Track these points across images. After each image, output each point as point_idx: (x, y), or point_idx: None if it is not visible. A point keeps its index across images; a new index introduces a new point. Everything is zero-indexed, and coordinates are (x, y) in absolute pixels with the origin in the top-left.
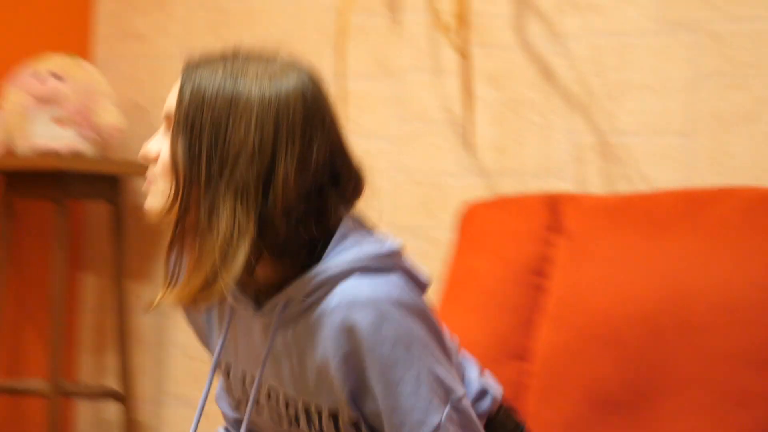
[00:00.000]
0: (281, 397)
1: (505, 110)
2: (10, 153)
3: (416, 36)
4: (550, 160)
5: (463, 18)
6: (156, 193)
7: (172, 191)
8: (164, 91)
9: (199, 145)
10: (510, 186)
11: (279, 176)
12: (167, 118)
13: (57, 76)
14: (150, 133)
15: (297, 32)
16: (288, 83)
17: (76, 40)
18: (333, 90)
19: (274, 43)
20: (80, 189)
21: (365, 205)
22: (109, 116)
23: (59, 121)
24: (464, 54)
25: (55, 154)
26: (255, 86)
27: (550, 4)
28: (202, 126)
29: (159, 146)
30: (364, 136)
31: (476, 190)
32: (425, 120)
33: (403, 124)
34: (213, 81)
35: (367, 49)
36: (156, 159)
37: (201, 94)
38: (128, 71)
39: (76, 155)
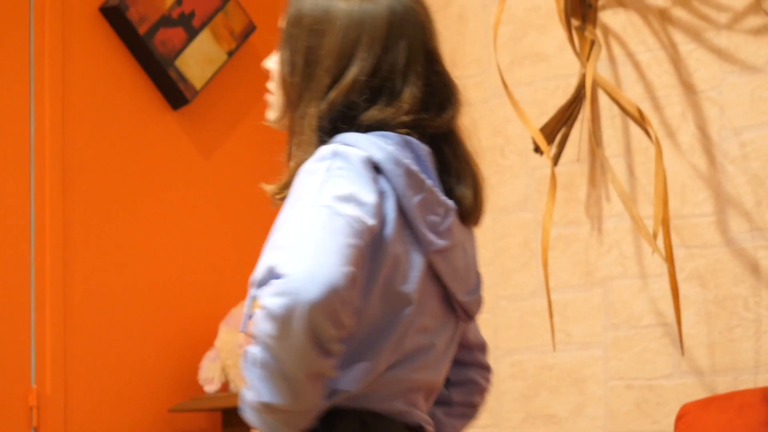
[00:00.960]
0: None
1: (714, 308)
2: (226, 390)
3: (619, 242)
4: (763, 354)
5: (665, 222)
6: (272, 104)
7: (281, 100)
8: None
9: (295, 55)
10: (724, 383)
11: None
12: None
13: None
14: None
15: (504, 248)
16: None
17: None
18: (540, 301)
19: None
20: None
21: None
22: None
23: None
24: (669, 257)
25: None
26: (344, 3)
27: (751, 202)
28: (299, 38)
29: (273, 63)
30: (575, 345)
31: (691, 390)
32: (635, 325)
33: (612, 330)
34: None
35: (572, 259)
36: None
37: (299, 11)
38: None
39: None
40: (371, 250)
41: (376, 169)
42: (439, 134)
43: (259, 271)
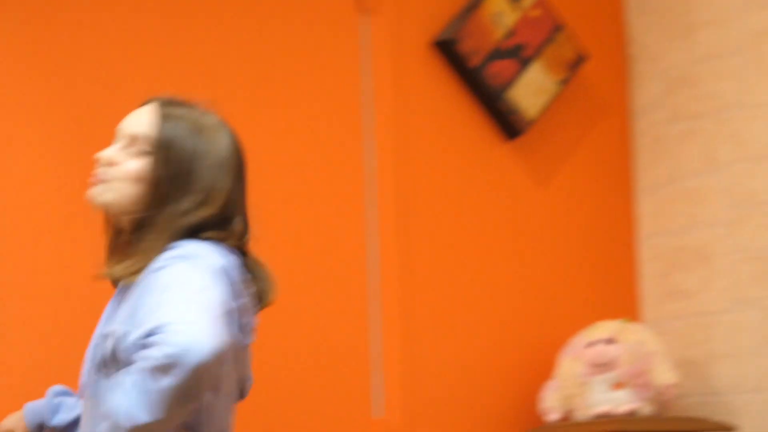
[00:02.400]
0: None
1: None
2: (568, 420)
3: None
4: None
5: None
6: (115, 190)
7: (139, 197)
8: (714, 345)
9: (168, 171)
10: None
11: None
12: (132, 137)
13: (610, 341)
14: None
15: None
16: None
17: (624, 304)
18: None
19: None
20: None
21: None
22: (664, 375)
23: (616, 384)
24: None
25: (612, 417)
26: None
27: None
28: (171, 160)
29: (117, 156)
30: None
31: None
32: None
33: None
34: (181, 130)
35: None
36: (112, 164)
37: (173, 137)
38: (677, 328)
39: (635, 416)
40: None
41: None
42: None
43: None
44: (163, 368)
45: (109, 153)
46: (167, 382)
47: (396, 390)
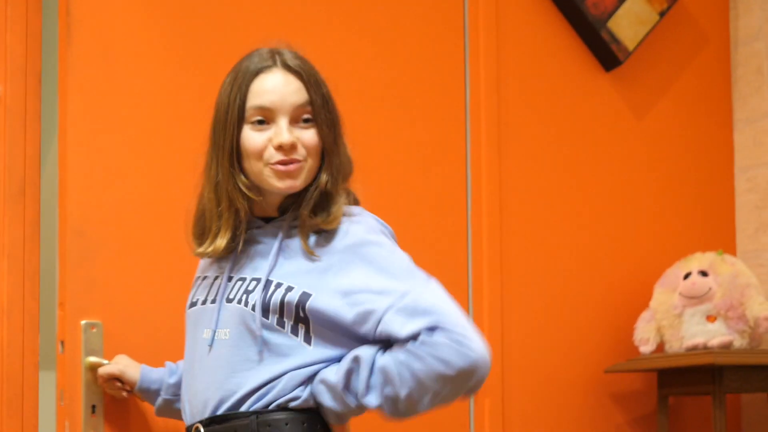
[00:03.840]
0: None
1: None
2: (661, 351)
3: None
4: None
5: None
6: (309, 170)
7: (315, 166)
8: None
9: (336, 128)
10: None
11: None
12: (295, 110)
13: (704, 273)
14: None
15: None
16: None
17: (720, 236)
18: None
19: None
20: (734, 383)
21: None
22: (759, 307)
23: (709, 317)
24: None
25: (706, 350)
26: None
27: None
28: (335, 114)
29: (294, 136)
30: None
31: None
32: None
33: None
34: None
35: None
36: (296, 147)
37: (329, 92)
38: None
39: (728, 349)
40: None
41: None
42: None
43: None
44: (467, 374)
45: (288, 136)
46: (464, 387)
47: (489, 320)
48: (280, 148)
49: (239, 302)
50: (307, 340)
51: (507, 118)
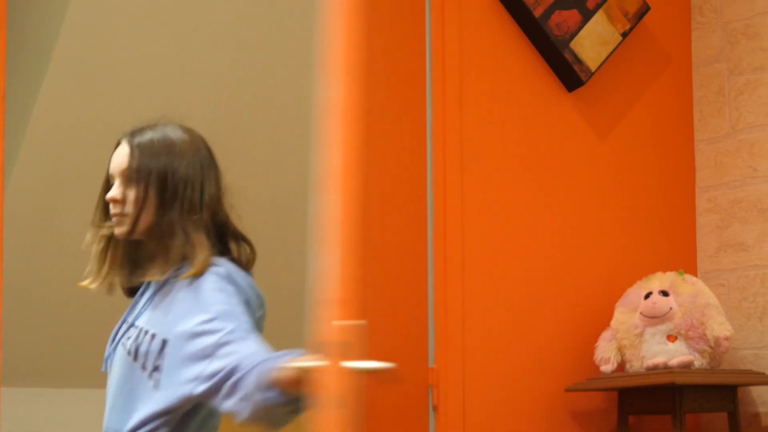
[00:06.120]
0: None
1: None
2: (622, 370)
3: None
4: None
5: None
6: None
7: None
8: None
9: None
10: None
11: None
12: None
13: (665, 293)
14: None
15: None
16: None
17: (681, 256)
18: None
19: None
20: (695, 402)
21: None
22: (719, 327)
23: (670, 336)
24: None
25: (666, 369)
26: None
27: None
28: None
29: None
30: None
31: None
32: None
33: None
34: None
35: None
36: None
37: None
38: (733, 281)
39: (688, 368)
40: None
41: None
42: None
43: None
44: None
45: (113, 193)
46: None
47: (451, 339)
48: None
49: None
50: None
51: (469, 138)
